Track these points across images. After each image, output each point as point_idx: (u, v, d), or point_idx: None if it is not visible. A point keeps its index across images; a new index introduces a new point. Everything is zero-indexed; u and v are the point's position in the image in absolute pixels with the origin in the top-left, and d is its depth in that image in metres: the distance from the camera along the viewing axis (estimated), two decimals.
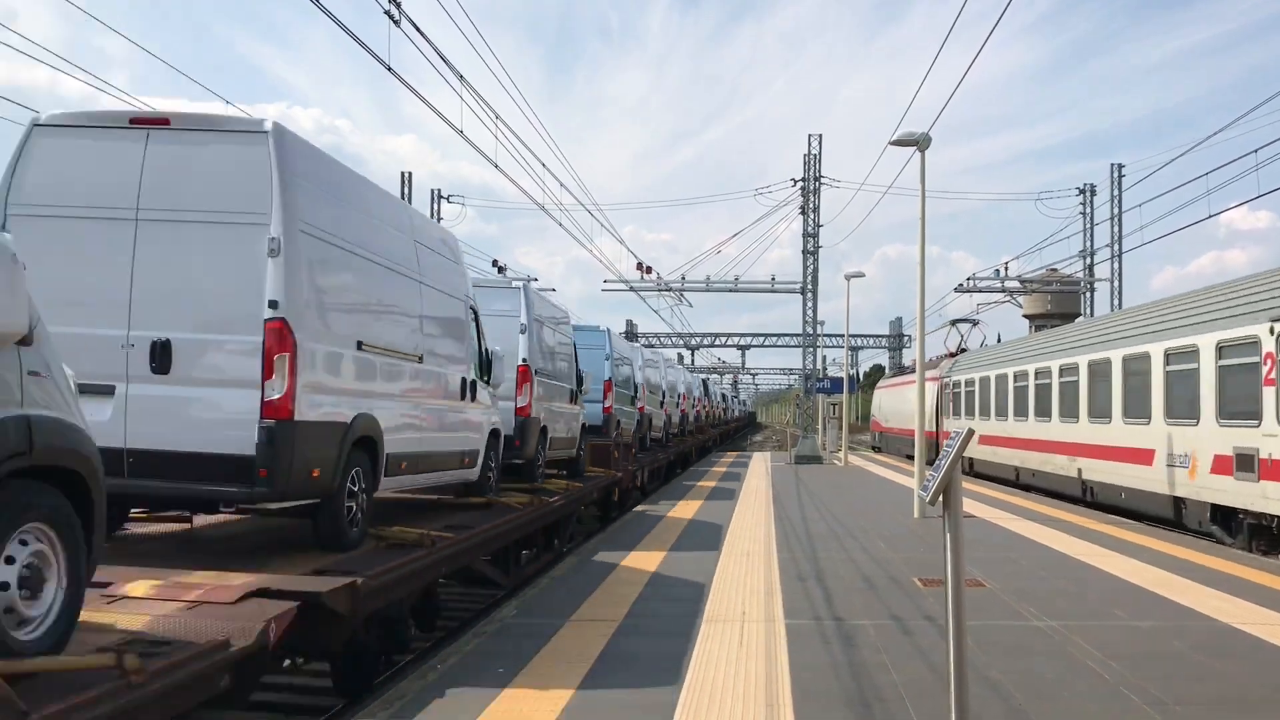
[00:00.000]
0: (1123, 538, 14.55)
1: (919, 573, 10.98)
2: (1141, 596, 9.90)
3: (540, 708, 6.02)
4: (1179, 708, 6.14)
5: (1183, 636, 8.10)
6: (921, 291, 17.84)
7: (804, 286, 39.48)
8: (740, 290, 46.84)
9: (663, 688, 6.51)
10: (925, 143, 17.10)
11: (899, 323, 70.05)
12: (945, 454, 5.13)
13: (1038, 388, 24.46)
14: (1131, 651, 7.56)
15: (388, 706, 6.15)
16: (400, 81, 13.28)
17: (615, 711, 6.08)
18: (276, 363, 6.97)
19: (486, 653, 7.46)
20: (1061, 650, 7.61)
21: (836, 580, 10.67)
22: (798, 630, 8.24)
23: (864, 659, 7.28)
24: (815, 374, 42.48)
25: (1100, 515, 18.06)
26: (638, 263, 43.30)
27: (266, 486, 6.98)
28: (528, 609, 9.12)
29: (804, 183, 39.01)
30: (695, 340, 66.42)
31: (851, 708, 6.12)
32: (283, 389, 6.98)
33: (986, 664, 7.04)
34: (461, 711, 5.98)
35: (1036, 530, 15.45)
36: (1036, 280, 45.95)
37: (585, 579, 10.57)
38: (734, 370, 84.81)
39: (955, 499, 5.07)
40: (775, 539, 14.01)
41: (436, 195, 44.68)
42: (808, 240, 39.07)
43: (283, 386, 6.98)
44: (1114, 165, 39.88)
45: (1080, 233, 42.40)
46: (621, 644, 7.71)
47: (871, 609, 9.15)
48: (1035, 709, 6.12)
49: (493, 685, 6.48)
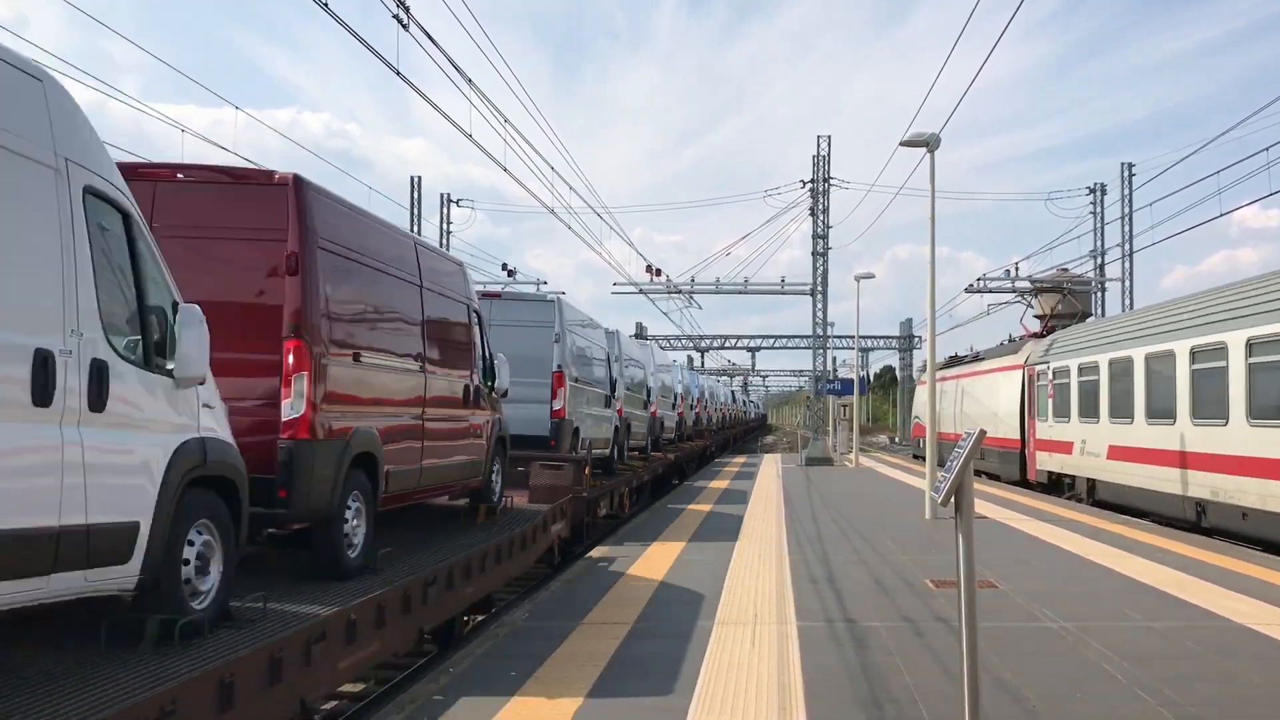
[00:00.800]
0: (1136, 538, 14.48)
1: (931, 574, 10.96)
2: (1155, 597, 9.86)
3: (553, 713, 6.03)
4: (1193, 709, 6.12)
5: (1197, 637, 8.07)
6: (932, 293, 17.83)
7: (814, 288, 39.50)
8: (750, 292, 46.90)
9: (675, 692, 6.51)
10: (935, 143, 17.09)
11: (909, 324, 69.89)
12: (957, 455, 5.13)
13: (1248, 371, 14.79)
14: (1145, 653, 7.53)
15: (400, 710, 6.17)
16: (409, 85, 13.34)
17: (628, 714, 6.08)
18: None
19: (498, 656, 7.48)
20: (1075, 651, 7.59)
21: (848, 582, 10.66)
22: (810, 632, 8.24)
23: (876, 661, 7.28)
24: (825, 375, 42.46)
25: (1112, 515, 17.93)
26: (647, 265, 43.43)
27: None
28: (541, 613, 9.13)
29: (813, 184, 39.01)
30: (705, 342, 66.40)
31: (864, 709, 6.11)
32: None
33: (999, 665, 7.02)
34: (474, 716, 5.99)
35: (1048, 531, 15.40)
36: (1047, 280, 45.82)
37: (598, 580, 10.58)
38: (744, 372, 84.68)
39: (967, 500, 5.07)
40: (786, 540, 14.00)
41: (446, 200, 44.80)
42: (817, 241, 39.09)
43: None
44: (1124, 164, 39.79)
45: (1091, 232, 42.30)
46: (634, 647, 7.71)
47: (884, 611, 9.13)
48: (1048, 710, 6.10)
49: (505, 689, 6.50)
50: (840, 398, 44.08)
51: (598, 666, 7.07)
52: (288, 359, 6.94)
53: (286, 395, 6.92)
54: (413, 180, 44.27)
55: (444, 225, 45.83)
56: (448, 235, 45.49)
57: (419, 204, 45.66)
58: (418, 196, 44.53)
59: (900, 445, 68.16)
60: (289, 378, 6.93)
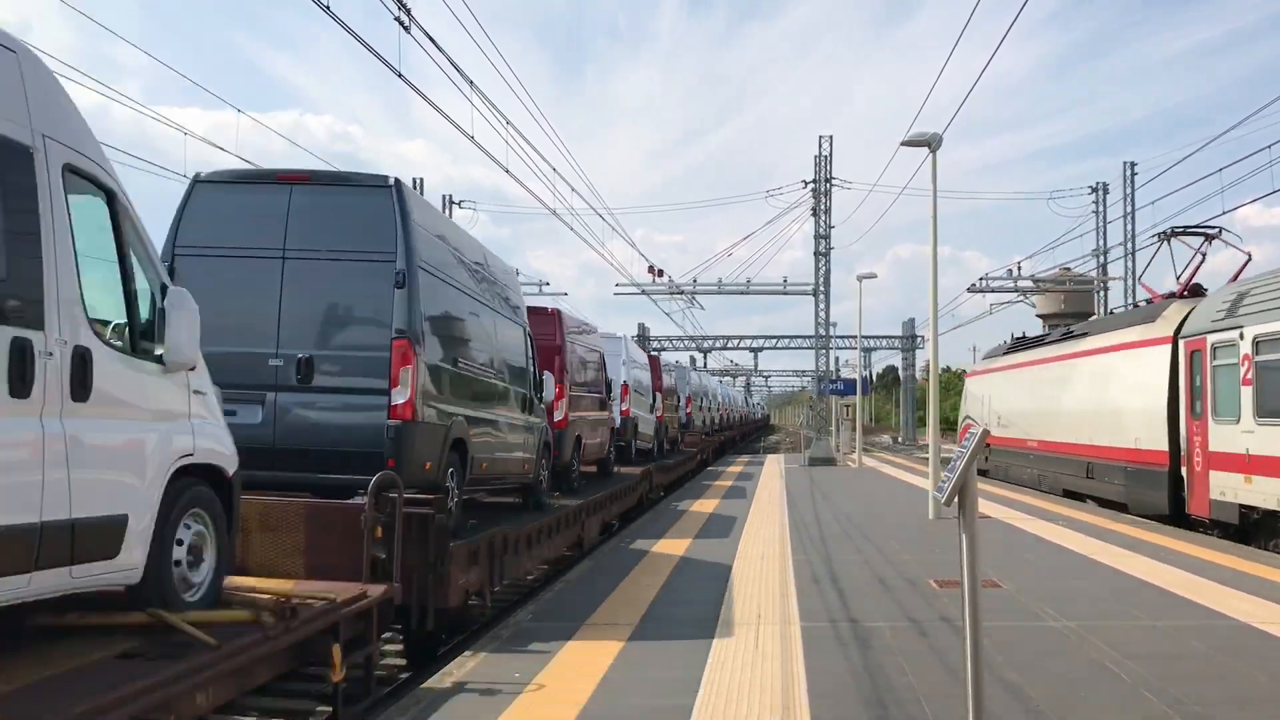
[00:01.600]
0: (1139, 537, 14.45)
1: (934, 574, 10.94)
2: (1159, 596, 9.84)
3: (559, 710, 6.03)
4: (1199, 708, 6.09)
5: (1202, 636, 8.05)
6: (934, 292, 17.79)
7: (816, 288, 39.50)
8: (752, 292, 46.89)
9: (679, 691, 6.50)
10: (936, 143, 17.07)
11: (911, 324, 69.85)
12: (960, 454, 5.11)
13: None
14: (1150, 652, 7.51)
15: (404, 711, 6.16)
16: (411, 87, 13.35)
17: (634, 713, 6.07)
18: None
19: (503, 656, 7.47)
20: (1079, 651, 7.57)
21: (851, 582, 10.64)
22: (813, 633, 8.22)
23: (880, 661, 7.26)
24: (828, 375, 42.44)
25: (1115, 515, 17.91)
26: (649, 266, 43.43)
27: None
28: (543, 614, 9.12)
29: (815, 184, 39.00)
30: (707, 343, 66.39)
31: (868, 709, 6.10)
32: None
33: (1004, 665, 7.01)
34: (479, 715, 5.98)
35: (1052, 531, 15.37)
36: (1050, 280, 45.79)
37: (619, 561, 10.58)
38: (746, 373, 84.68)
39: (971, 500, 5.06)
40: (790, 540, 13.98)
41: (447, 201, 44.79)
42: (819, 242, 39.09)
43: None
44: (1126, 163, 39.72)
45: (1093, 231, 42.24)
46: (638, 647, 7.71)
47: (887, 611, 9.11)
48: (1053, 710, 6.08)
49: (510, 689, 6.49)
50: (843, 398, 44.09)
51: (603, 667, 7.06)
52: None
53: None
54: (413, 181, 44.24)
55: None
56: None
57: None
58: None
59: (903, 445, 68.09)
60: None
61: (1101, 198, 42.55)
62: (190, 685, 4.87)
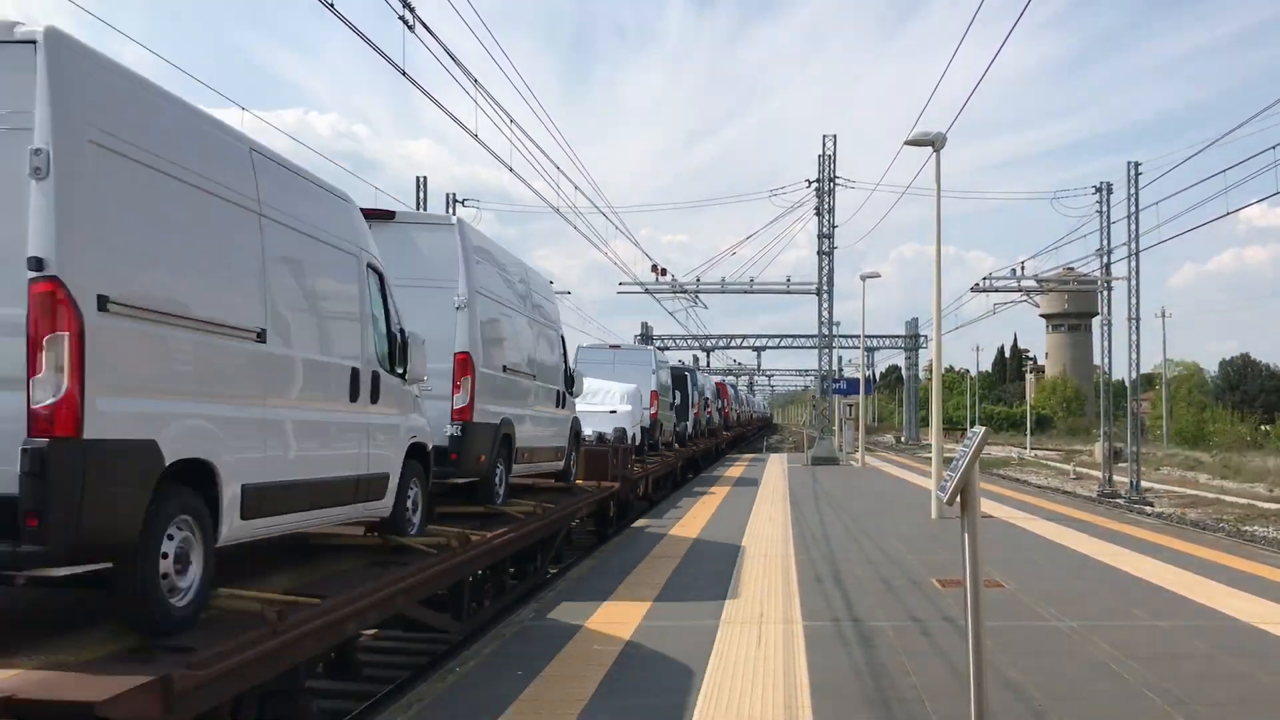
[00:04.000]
0: (1142, 537, 14.46)
1: (937, 573, 10.95)
2: (1162, 596, 9.84)
3: (560, 710, 6.04)
4: (1200, 708, 6.10)
5: (1204, 636, 8.05)
6: (938, 292, 17.79)
7: (819, 287, 39.43)
8: (755, 292, 46.82)
9: (681, 689, 6.51)
10: (940, 142, 17.05)
11: (915, 323, 69.79)
12: (962, 453, 5.12)
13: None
14: (1152, 652, 7.52)
15: (405, 710, 6.18)
16: (416, 87, 13.36)
17: (636, 712, 6.09)
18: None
19: (505, 655, 7.49)
20: (1082, 650, 7.58)
21: (854, 581, 10.65)
22: (816, 632, 8.24)
23: (883, 660, 7.27)
24: (831, 375, 42.41)
25: (1117, 514, 17.92)
26: (653, 265, 43.34)
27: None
28: (547, 610, 9.14)
29: (819, 184, 38.97)
30: (711, 342, 66.34)
31: (871, 708, 6.11)
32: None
33: (1006, 665, 7.01)
34: (479, 714, 6.00)
35: (1055, 530, 15.37)
36: (1053, 279, 45.69)
37: (631, 552, 10.60)
38: (750, 372, 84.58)
39: (973, 499, 5.06)
40: (793, 539, 13.99)
41: (451, 200, 44.78)
42: (823, 241, 39.03)
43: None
44: (1130, 163, 39.51)
45: (1097, 231, 42.12)
46: (642, 644, 7.72)
47: (890, 610, 9.12)
48: (1056, 710, 6.09)
49: (510, 688, 6.51)
50: (846, 397, 44.04)
51: (606, 665, 7.08)
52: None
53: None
54: (418, 180, 44.16)
55: None
56: None
57: (424, 205, 45.62)
58: (423, 197, 44.49)
59: (906, 445, 68.05)
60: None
61: (1105, 198, 42.39)
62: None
